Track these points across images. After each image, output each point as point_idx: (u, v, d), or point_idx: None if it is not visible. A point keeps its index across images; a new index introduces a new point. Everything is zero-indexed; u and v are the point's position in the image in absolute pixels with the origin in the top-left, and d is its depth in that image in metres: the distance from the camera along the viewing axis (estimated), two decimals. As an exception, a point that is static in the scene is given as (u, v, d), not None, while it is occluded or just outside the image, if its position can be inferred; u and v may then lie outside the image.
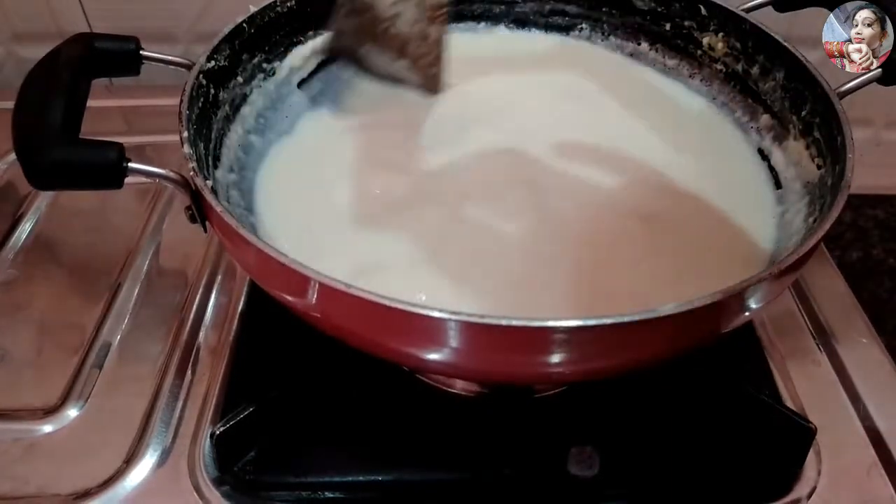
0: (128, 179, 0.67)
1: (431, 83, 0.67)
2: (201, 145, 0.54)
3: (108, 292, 0.66)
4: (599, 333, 0.41)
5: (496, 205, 0.57)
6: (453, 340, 0.42)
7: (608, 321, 0.40)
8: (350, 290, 0.41)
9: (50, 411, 0.57)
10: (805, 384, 0.60)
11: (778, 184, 0.60)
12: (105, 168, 0.46)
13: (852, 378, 0.60)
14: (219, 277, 0.68)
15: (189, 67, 0.56)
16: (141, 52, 0.56)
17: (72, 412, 0.57)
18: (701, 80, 0.69)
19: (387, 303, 0.40)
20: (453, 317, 0.40)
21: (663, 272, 0.53)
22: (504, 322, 0.40)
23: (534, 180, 0.60)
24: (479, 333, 0.41)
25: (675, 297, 0.41)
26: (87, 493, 0.52)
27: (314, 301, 0.44)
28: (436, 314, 0.40)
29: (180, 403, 0.58)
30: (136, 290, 0.66)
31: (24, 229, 0.72)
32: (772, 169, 0.62)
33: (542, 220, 0.57)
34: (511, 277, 0.52)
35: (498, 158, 0.62)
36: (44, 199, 0.75)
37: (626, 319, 0.40)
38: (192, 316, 0.64)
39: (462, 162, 0.61)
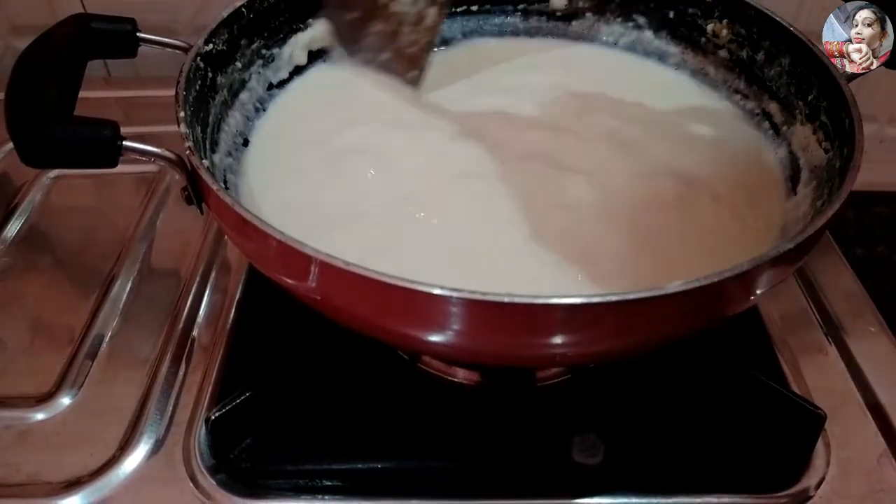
0: (125, 170, 0.66)
1: (412, 76, 0.66)
2: (198, 128, 0.53)
3: (103, 282, 0.65)
4: (604, 311, 0.40)
5: (502, 189, 0.57)
6: (455, 319, 0.41)
7: (612, 299, 0.39)
8: (349, 267, 0.40)
9: (43, 399, 0.56)
10: (814, 375, 0.59)
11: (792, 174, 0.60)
12: (99, 146, 0.45)
13: (861, 368, 0.59)
14: (215, 268, 0.67)
15: (186, 50, 0.55)
16: (137, 33, 0.56)
17: (65, 400, 0.56)
18: (705, 70, 0.69)
19: (387, 280, 0.39)
20: (454, 293, 0.39)
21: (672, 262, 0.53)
22: (507, 299, 0.39)
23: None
24: (482, 311, 0.40)
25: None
26: (79, 482, 0.51)
27: (313, 281, 0.43)
28: (437, 291, 0.39)
29: (175, 392, 0.57)
30: (132, 281, 0.66)
31: (19, 220, 0.72)
32: (792, 154, 0.61)
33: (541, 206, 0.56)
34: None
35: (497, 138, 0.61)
36: (39, 190, 0.75)
37: (630, 297, 0.39)
38: (188, 305, 0.63)
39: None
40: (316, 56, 0.69)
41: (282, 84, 0.66)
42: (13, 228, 0.71)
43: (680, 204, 0.57)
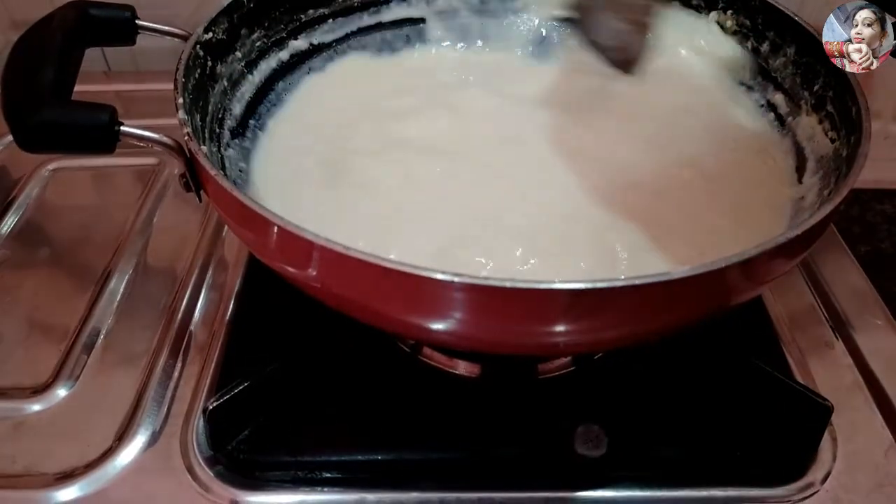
0: (122, 164, 0.66)
1: (631, 60, 0.63)
2: (197, 117, 0.53)
3: (100, 276, 0.64)
4: (608, 297, 0.39)
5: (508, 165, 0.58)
6: (458, 305, 0.40)
7: (616, 284, 0.38)
8: (349, 252, 0.39)
9: (39, 390, 0.55)
10: (820, 369, 0.58)
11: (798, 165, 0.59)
12: (97, 130, 0.45)
13: (868, 362, 0.59)
14: (213, 262, 0.67)
15: (185, 38, 0.55)
16: (136, 21, 0.55)
17: (61, 391, 0.55)
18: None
19: (388, 265, 0.39)
20: (456, 278, 0.38)
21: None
22: (509, 284, 0.38)
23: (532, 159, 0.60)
24: (485, 297, 0.39)
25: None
26: (74, 473, 0.50)
27: (314, 268, 0.42)
28: (439, 276, 0.38)
29: (173, 383, 0.56)
30: (129, 275, 0.65)
31: (17, 213, 0.71)
32: (797, 145, 0.60)
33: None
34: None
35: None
36: (37, 183, 0.74)
37: (634, 283, 0.38)
38: (185, 299, 0.63)
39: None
40: (318, 50, 0.68)
41: (284, 77, 0.66)
42: (10, 221, 0.70)
43: (683, 195, 0.56)
